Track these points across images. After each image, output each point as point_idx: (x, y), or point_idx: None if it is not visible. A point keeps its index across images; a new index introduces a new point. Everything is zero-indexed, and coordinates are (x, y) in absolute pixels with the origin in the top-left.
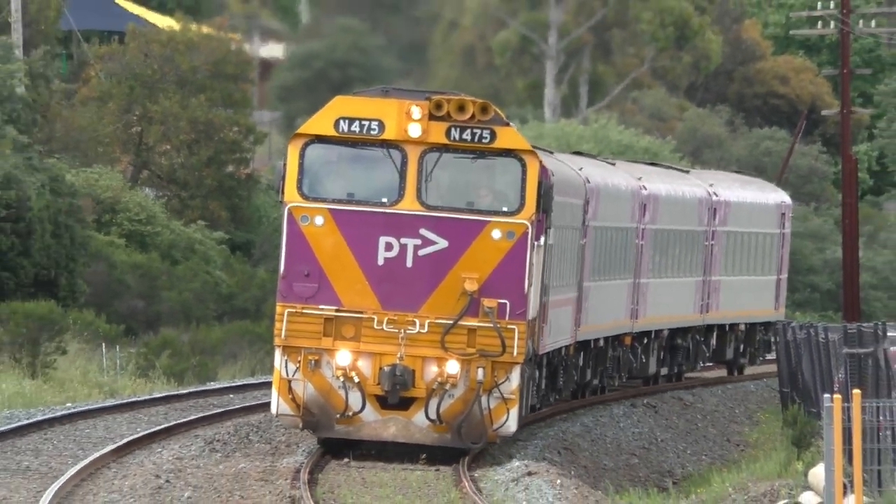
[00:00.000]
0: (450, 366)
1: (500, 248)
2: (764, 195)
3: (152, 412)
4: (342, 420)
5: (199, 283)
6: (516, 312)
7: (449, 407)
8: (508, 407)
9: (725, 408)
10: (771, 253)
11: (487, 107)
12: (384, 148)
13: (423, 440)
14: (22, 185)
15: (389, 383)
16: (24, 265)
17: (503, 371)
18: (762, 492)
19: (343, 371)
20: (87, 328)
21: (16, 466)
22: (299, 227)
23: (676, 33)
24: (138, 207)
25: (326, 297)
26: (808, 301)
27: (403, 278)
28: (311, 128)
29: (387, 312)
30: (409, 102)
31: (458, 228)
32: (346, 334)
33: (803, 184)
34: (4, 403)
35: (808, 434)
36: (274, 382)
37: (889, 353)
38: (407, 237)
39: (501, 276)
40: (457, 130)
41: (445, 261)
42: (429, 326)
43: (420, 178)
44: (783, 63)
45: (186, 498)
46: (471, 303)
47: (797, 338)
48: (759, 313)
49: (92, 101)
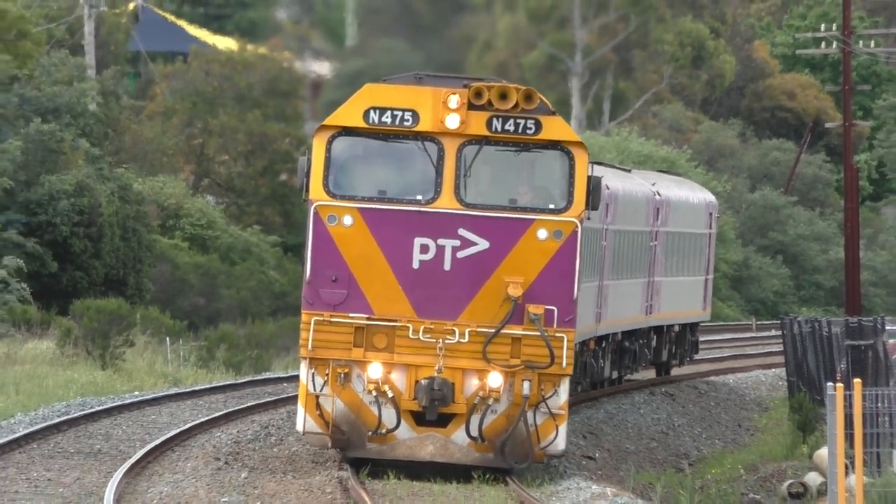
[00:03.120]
0: (492, 378)
1: (546, 249)
2: (695, 194)
3: (212, 400)
4: (375, 438)
5: (254, 283)
6: (564, 319)
7: (491, 423)
8: (557, 423)
9: (737, 396)
10: (702, 253)
11: (532, 94)
12: (419, 140)
13: (462, 460)
14: (94, 192)
15: (427, 398)
16: (95, 266)
17: (551, 384)
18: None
19: (375, 385)
20: (152, 323)
21: (88, 449)
22: (326, 228)
23: (694, 53)
24: (199, 213)
25: (356, 304)
26: (812, 297)
27: (441, 283)
28: (339, 119)
29: (423, 320)
30: (446, 90)
31: (501, 228)
32: (378, 345)
33: (809, 190)
34: (78, 392)
35: (813, 419)
36: (300, 398)
37: (888, 345)
38: (444, 238)
39: (548, 280)
40: (499, 121)
41: (487, 263)
42: (469, 335)
43: (458, 173)
44: (790, 80)
45: (243, 478)
46: (515, 309)
47: (803, 331)
48: (691, 314)
49: (157, 115)
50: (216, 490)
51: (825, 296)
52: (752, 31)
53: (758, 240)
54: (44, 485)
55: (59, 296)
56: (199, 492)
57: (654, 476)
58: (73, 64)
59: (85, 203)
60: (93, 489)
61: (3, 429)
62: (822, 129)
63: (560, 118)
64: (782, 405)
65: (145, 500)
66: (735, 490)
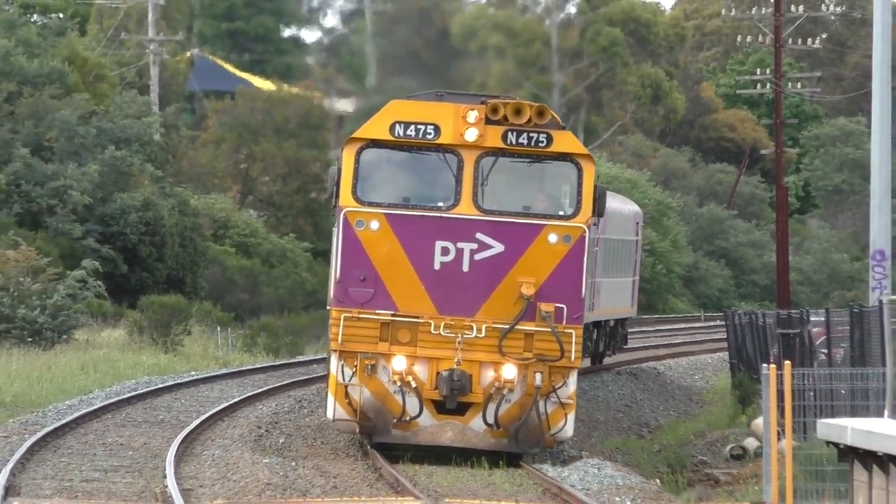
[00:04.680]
0: (507, 370)
1: (556, 252)
2: (625, 206)
3: (255, 378)
4: (399, 425)
5: (289, 282)
6: (573, 317)
7: (506, 412)
8: (566, 412)
9: (689, 375)
10: (631, 257)
11: (544, 110)
12: (440, 152)
13: (479, 445)
14: (157, 207)
15: (447, 388)
16: (158, 268)
17: (560, 376)
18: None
19: (399, 376)
20: (205, 315)
21: (153, 419)
22: (354, 232)
23: (652, 93)
24: (244, 224)
25: (382, 301)
26: (750, 294)
27: (459, 283)
28: (367, 132)
29: (443, 317)
30: (466, 106)
31: (515, 232)
32: (402, 339)
33: (747, 205)
34: (145, 372)
35: (751, 394)
36: (330, 387)
37: (812, 333)
38: (463, 241)
39: (558, 281)
40: (513, 134)
41: (502, 265)
42: (486, 331)
43: (476, 182)
44: (731, 115)
45: (281, 443)
46: (528, 307)
47: (742, 322)
48: (623, 311)
49: (210, 144)
50: (258, 453)
51: (760, 292)
52: (700, 74)
53: (705, 246)
54: (117, 448)
55: (128, 293)
56: (244, 454)
57: (619, 441)
58: (140, 101)
59: (150, 216)
60: (157, 452)
61: (84, 402)
62: (758, 156)
63: (570, 132)
64: (725, 383)
65: (200, 461)
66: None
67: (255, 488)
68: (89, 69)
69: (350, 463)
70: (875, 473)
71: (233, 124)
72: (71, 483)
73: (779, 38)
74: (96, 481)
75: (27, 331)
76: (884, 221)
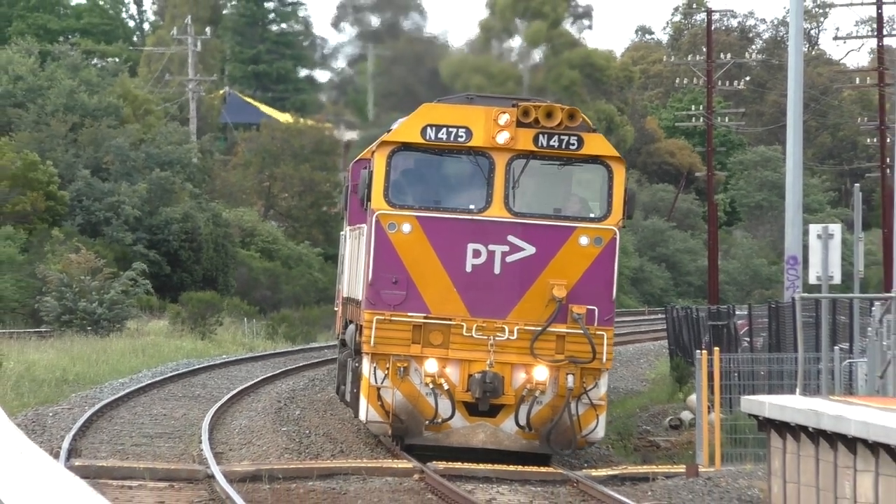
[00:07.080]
0: (538, 372)
1: (587, 254)
2: None
3: (276, 361)
4: (431, 427)
5: (305, 281)
6: (604, 318)
7: (538, 413)
8: (598, 413)
9: (635, 359)
10: None
11: (575, 113)
12: (471, 155)
13: (511, 447)
14: (195, 219)
15: (480, 390)
16: (196, 269)
17: (592, 377)
18: (657, 411)
19: (432, 378)
20: (235, 309)
21: (191, 395)
22: (387, 235)
23: (605, 125)
24: (267, 233)
25: (414, 304)
26: (686, 292)
27: (491, 285)
28: (399, 135)
29: (475, 319)
30: (497, 109)
31: (546, 235)
32: (434, 341)
33: (684, 218)
34: (184, 355)
35: (686, 375)
36: (362, 389)
37: (736, 324)
38: (495, 244)
39: (589, 283)
40: (544, 137)
41: (533, 267)
42: (517, 333)
43: (507, 185)
44: (671, 144)
45: (297, 414)
46: (559, 309)
47: (679, 315)
48: None
49: (239, 166)
50: (278, 422)
51: (695, 291)
52: (646, 109)
53: (649, 252)
54: (161, 418)
55: (171, 290)
56: (266, 423)
57: None
58: (181, 131)
59: (189, 226)
60: (194, 421)
61: (134, 380)
62: (693, 177)
63: (600, 135)
64: (665, 366)
65: (230, 429)
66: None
67: (275, 452)
68: (139, 104)
69: (354, 431)
70: (788, 441)
71: (258, 150)
72: (122, 447)
73: (710, 81)
74: (144, 445)
75: (87, 321)
76: (796, 233)
